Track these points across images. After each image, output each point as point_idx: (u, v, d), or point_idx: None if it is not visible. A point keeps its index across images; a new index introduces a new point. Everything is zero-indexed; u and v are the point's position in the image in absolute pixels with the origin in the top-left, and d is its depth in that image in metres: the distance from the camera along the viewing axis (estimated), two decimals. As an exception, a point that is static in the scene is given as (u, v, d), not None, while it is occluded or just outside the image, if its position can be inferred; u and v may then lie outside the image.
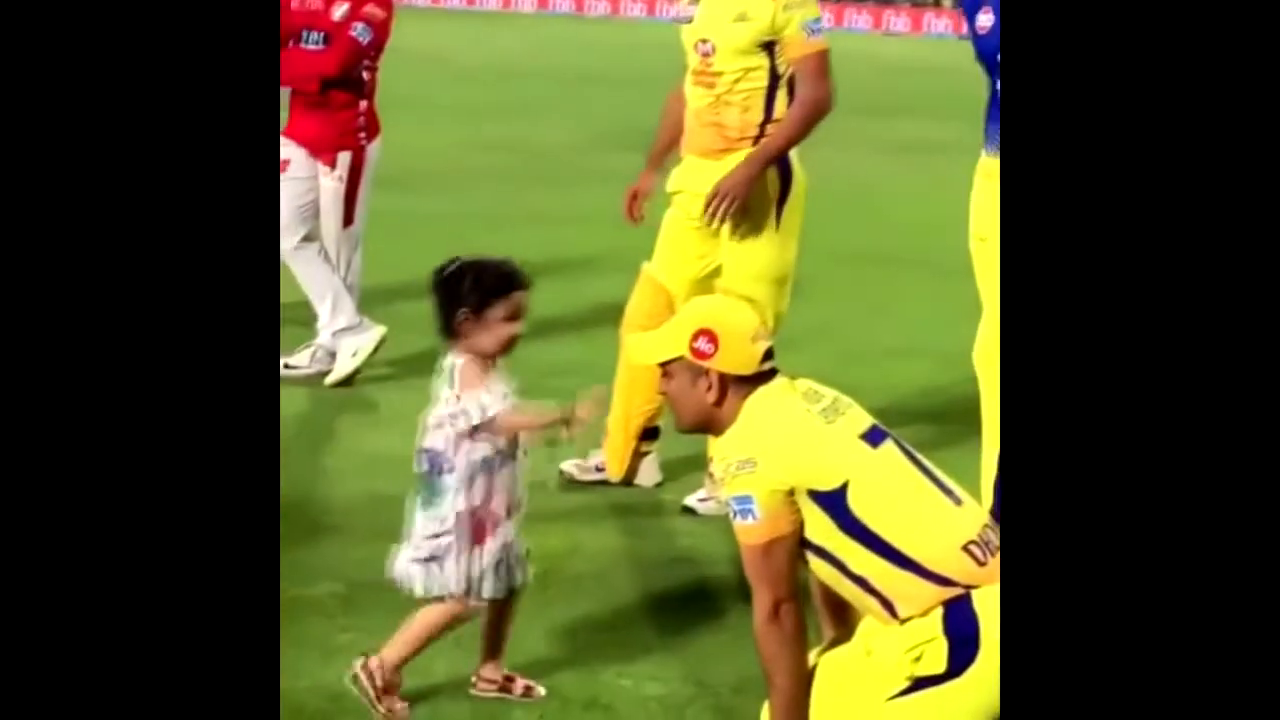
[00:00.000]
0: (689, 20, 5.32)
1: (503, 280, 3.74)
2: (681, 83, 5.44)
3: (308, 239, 6.75)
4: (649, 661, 4.08)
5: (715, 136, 5.23)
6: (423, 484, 3.75)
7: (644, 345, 3.50)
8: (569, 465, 5.49)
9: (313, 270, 6.74)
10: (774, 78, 5.20)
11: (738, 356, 3.34)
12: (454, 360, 3.73)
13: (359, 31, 6.57)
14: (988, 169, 4.68)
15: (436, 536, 3.71)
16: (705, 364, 3.33)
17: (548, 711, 3.82)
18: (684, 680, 3.99)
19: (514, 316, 3.72)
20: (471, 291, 3.69)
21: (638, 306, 5.44)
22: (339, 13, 6.61)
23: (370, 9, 6.61)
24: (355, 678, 3.74)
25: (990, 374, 4.66)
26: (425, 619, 3.76)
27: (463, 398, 3.68)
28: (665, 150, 5.61)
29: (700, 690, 3.94)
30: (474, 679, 3.90)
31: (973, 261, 4.75)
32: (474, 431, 3.67)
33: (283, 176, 6.63)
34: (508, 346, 3.74)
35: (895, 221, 11.81)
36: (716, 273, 5.32)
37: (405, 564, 3.75)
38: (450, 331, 3.73)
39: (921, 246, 9.88)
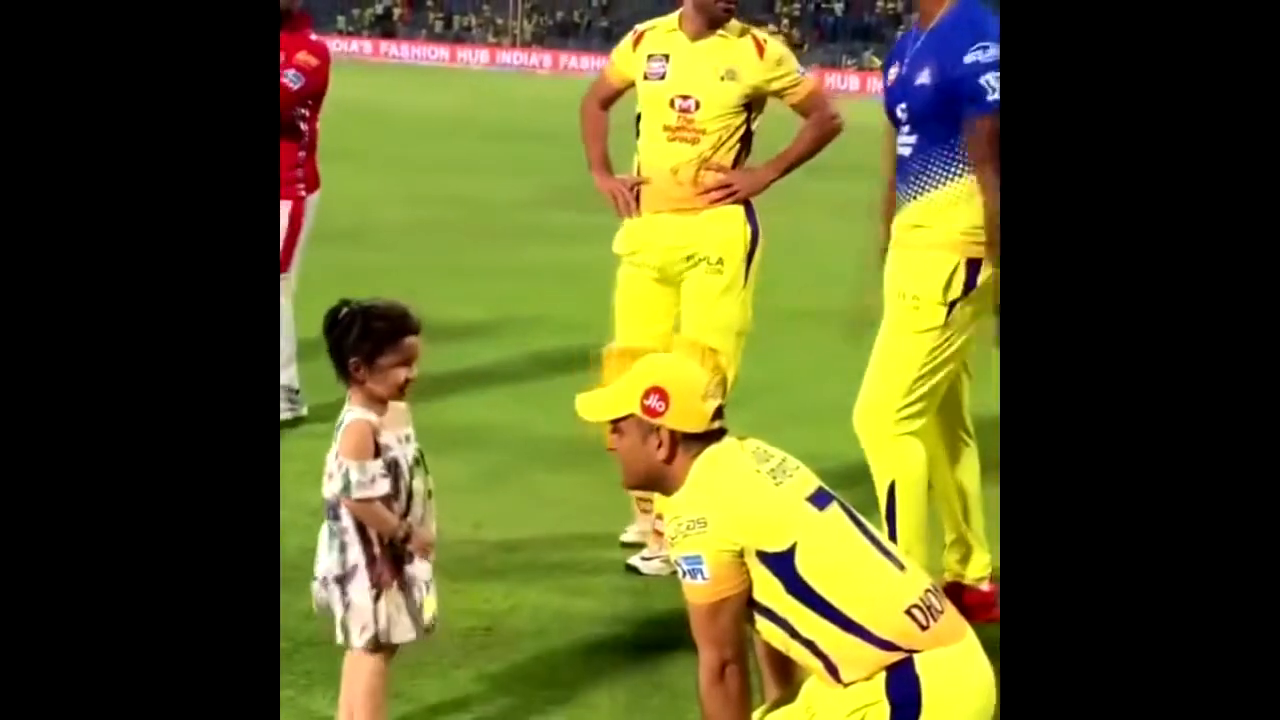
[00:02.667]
0: (660, 77, 5.33)
1: (393, 327, 3.74)
2: (592, 96, 5.62)
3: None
4: (591, 720, 4.06)
5: (694, 195, 5.25)
6: (327, 528, 3.77)
7: (594, 402, 3.50)
8: (631, 534, 5.46)
9: (283, 319, 6.83)
10: (748, 134, 5.32)
11: (689, 414, 3.34)
12: (345, 414, 3.75)
13: (290, 78, 6.71)
14: (904, 222, 4.75)
15: (336, 581, 3.72)
16: (656, 421, 3.34)
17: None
18: (626, 740, 3.97)
19: (406, 362, 3.73)
20: (363, 339, 3.70)
21: None
22: None
23: (302, 56, 6.75)
24: None
25: (877, 433, 4.70)
26: (364, 691, 3.74)
27: (339, 461, 3.70)
28: (606, 153, 5.62)
29: (642, 750, 3.93)
30: None
31: (889, 317, 4.74)
32: (339, 498, 3.70)
33: None
34: (402, 391, 3.76)
35: (840, 279, 11.87)
36: (677, 326, 5.34)
37: (340, 611, 3.73)
38: (345, 378, 3.76)
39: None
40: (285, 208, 6.79)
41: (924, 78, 4.65)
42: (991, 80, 4.48)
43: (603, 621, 4.75)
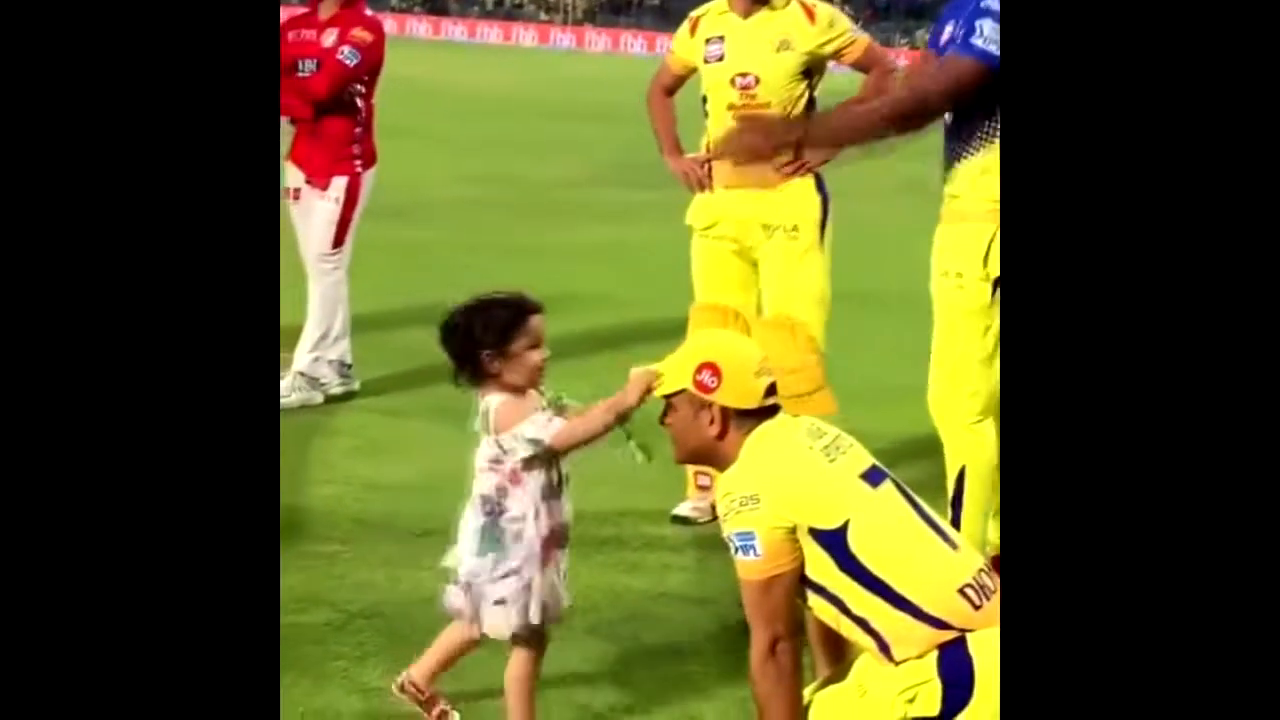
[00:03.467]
0: (718, 58, 5.39)
1: (515, 311, 3.66)
2: (656, 84, 5.70)
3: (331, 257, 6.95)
4: (641, 695, 4.07)
5: (766, 169, 5.28)
6: (481, 530, 3.67)
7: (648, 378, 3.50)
8: (685, 509, 5.47)
9: (337, 293, 6.92)
10: (811, 101, 5.39)
11: (741, 391, 3.35)
12: (488, 402, 3.65)
13: (346, 55, 6.76)
14: (944, 194, 4.56)
15: (506, 577, 3.64)
16: (708, 397, 3.34)
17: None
18: (674, 716, 3.98)
19: (536, 344, 3.65)
20: (487, 331, 3.62)
21: None
22: (329, 39, 6.83)
23: (357, 33, 6.81)
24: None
25: (950, 420, 4.62)
26: (514, 679, 3.73)
27: (502, 438, 3.62)
28: (676, 137, 5.69)
29: (691, 726, 3.94)
30: (402, 680, 3.85)
31: (938, 300, 4.60)
32: (528, 465, 3.62)
33: (296, 204, 6.92)
34: (538, 374, 3.67)
35: (890, 261, 11.83)
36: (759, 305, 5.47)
37: (489, 609, 3.67)
38: (479, 375, 3.65)
39: (918, 286, 9.88)
40: (341, 183, 6.85)
41: (949, 34, 4.45)
42: (986, 27, 4.19)
43: (655, 598, 4.76)
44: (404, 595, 4.56)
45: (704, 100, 5.51)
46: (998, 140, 4.36)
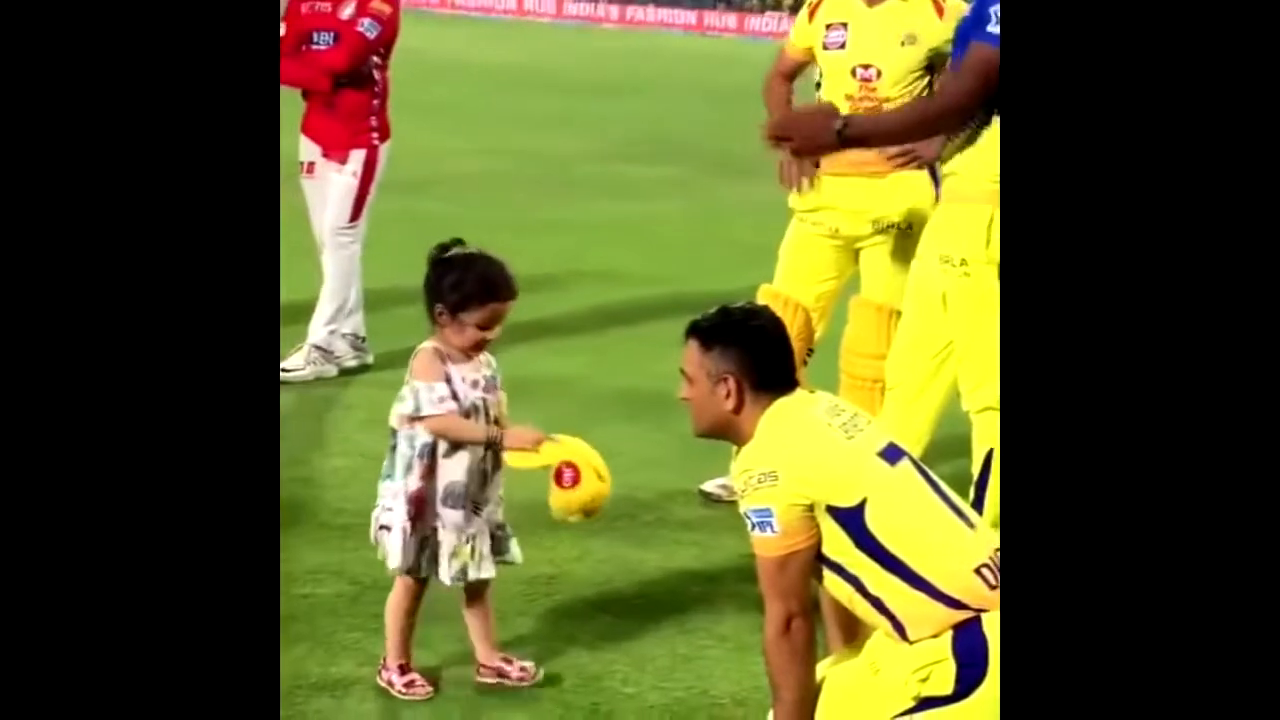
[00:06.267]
0: (840, 46, 5.23)
1: (484, 289, 3.80)
2: (775, 71, 5.45)
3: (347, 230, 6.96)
4: (652, 670, 4.08)
5: (878, 158, 5.16)
6: (387, 458, 3.88)
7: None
8: (712, 486, 5.45)
9: (352, 266, 6.95)
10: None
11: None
12: (424, 345, 3.84)
13: (365, 27, 6.75)
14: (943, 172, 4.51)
15: (388, 509, 3.84)
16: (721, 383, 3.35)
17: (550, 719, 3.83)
18: (687, 690, 3.99)
19: (487, 325, 3.80)
20: (452, 290, 3.78)
21: None
22: (346, 12, 6.81)
23: (376, 5, 6.79)
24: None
25: (978, 404, 4.58)
26: (389, 603, 3.92)
27: (409, 384, 3.79)
28: None
29: (703, 700, 3.94)
30: (477, 669, 3.98)
31: (938, 285, 4.42)
32: (411, 420, 3.79)
33: (309, 178, 6.94)
34: (476, 351, 3.85)
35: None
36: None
37: (376, 530, 3.90)
38: (430, 316, 3.85)
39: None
40: (359, 156, 6.85)
41: (964, 8, 4.53)
42: (996, 11, 4.11)
43: (665, 573, 4.77)
44: (417, 568, 4.57)
45: (818, 87, 5.33)
46: (996, 118, 4.32)
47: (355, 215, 6.91)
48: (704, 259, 10.34)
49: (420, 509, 3.80)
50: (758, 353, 3.35)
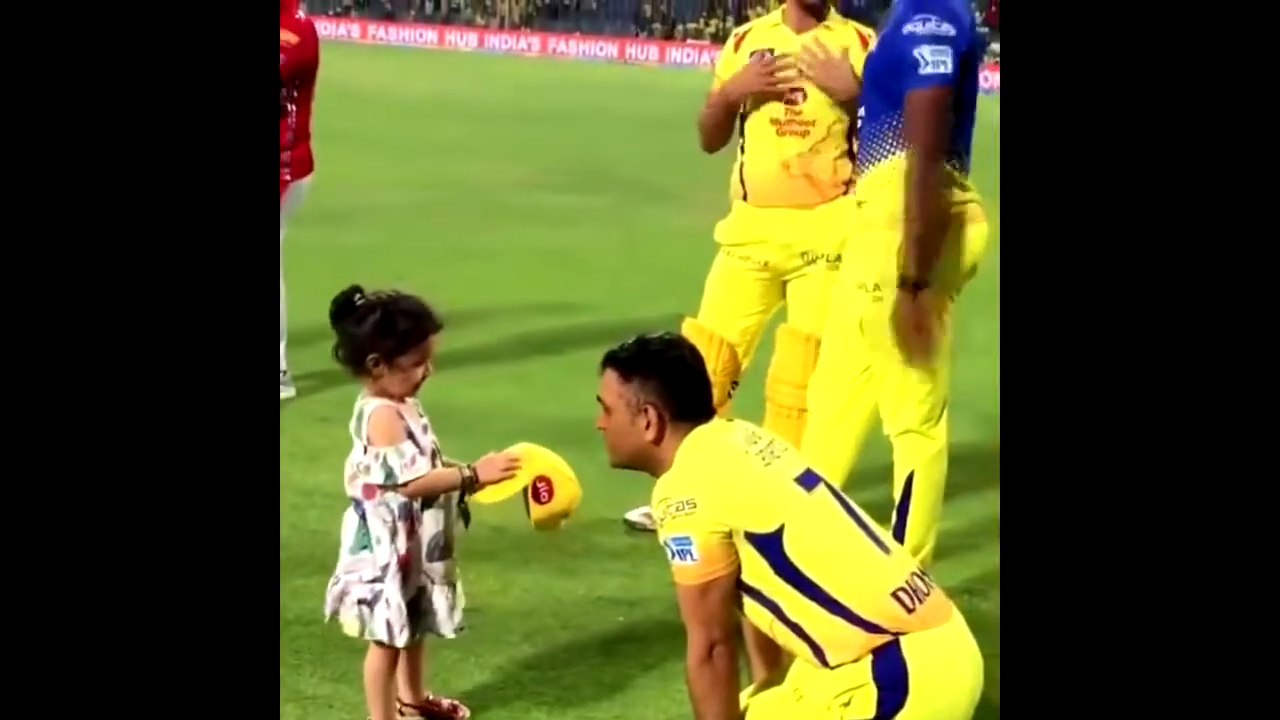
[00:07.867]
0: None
1: (417, 326, 3.64)
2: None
3: None
4: (578, 701, 4.08)
5: (807, 188, 5.18)
6: (355, 528, 3.70)
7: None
8: (636, 515, 5.42)
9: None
10: (852, 130, 5.11)
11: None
12: (363, 405, 3.66)
13: None
14: (853, 199, 4.64)
15: (373, 581, 3.66)
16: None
17: (476, 750, 3.82)
18: (614, 719, 3.99)
19: (423, 360, 3.66)
20: (384, 335, 3.60)
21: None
22: None
23: (282, 34, 6.57)
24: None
25: (898, 426, 4.65)
26: (370, 672, 3.75)
27: (370, 450, 3.62)
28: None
29: (629, 730, 3.95)
30: (401, 709, 3.90)
31: (854, 311, 4.58)
32: (383, 489, 3.62)
33: None
34: (416, 389, 3.70)
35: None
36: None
37: (349, 606, 3.70)
38: (360, 372, 3.66)
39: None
40: None
41: (873, 45, 4.63)
42: (927, 53, 4.29)
43: (592, 603, 4.77)
44: (340, 602, 4.54)
45: (742, 119, 5.30)
46: (900, 152, 4.41)
47: None
48: (628, 286, 10.37)
49: (408, 572, 3.66)
50: (677, 383, 3.37)
